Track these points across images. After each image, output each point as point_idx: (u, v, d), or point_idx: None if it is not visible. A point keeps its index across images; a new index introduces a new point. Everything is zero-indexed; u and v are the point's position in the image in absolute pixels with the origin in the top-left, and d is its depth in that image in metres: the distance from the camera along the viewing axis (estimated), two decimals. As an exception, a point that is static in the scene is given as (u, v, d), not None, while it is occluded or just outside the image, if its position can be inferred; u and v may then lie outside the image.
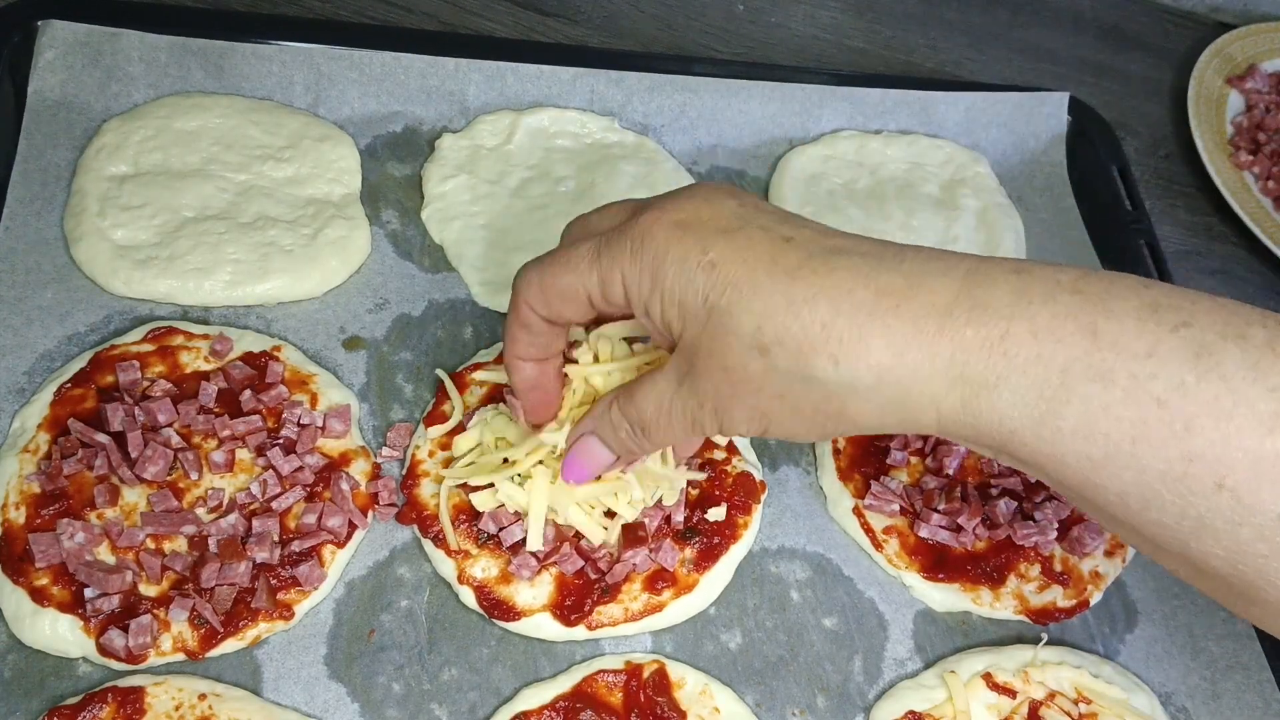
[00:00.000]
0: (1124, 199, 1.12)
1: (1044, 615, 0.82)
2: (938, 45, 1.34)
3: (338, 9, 1.13)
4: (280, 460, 0.77)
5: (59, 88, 0.94)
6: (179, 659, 0.70)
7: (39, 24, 0.94)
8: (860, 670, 0.79)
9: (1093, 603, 0.84)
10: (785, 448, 0.89)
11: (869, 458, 0.87)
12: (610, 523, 0.75)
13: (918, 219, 1.07)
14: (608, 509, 0.76)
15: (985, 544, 0.84)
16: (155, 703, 0.67)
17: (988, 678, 0.77)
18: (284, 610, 0.73)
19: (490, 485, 0.76)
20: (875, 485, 0.84)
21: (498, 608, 0.75)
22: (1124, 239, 1.09)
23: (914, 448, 0.87)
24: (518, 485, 0.75)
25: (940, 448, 0.86)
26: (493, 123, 1.03)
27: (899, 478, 0.86)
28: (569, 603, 0.75)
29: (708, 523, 0.80)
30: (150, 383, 0.79)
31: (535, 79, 1.04)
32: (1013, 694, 0.76)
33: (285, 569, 0.73)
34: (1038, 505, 0.84)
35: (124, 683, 0.68)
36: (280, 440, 0.78)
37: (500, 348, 0.87)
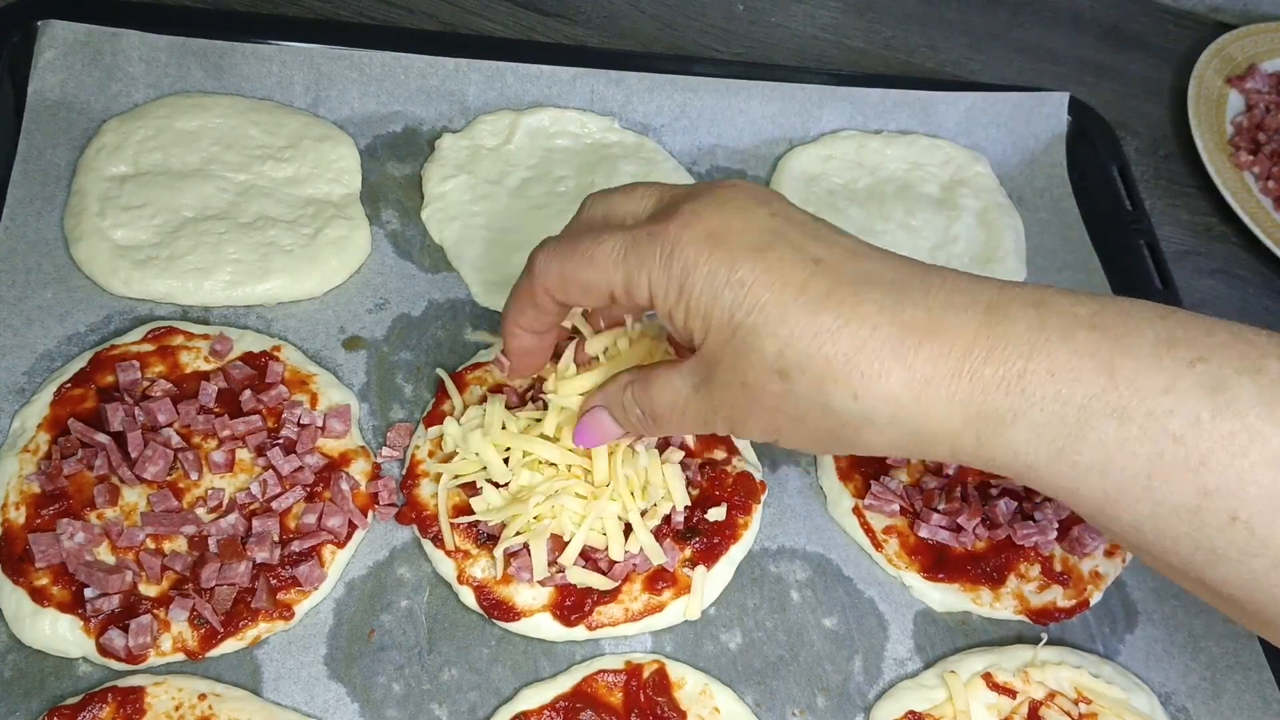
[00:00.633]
0: (1124, 199, 1.12)
1: (1044, 615, 0.82)
2: (938, 45, 1.34)
3: (338, 9, 1.13)
4: (280, 460, 0.77)
5: (59, 88, 0.94)
6: (179, 659, 0.70)
7: (39, 24, 0.94)
8: (860, 670, 0.79)
9: (1093, 603, 0.84)
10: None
11: (869, 458, 0.87)
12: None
13: (918, 219, 1.07)
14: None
15: (985, 544, 0.84)
16: (155, 703, 0.67)
17: (988, 678, 0.77)
18: (284, 610, 0.73)
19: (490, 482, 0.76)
20: (875, 485, 0.84)
21: (498, 608, 0.75)
22: (1124, 239, 1.09)
23: (914, 448, 0.87)
24: (501, 497, 0.76)
25: (940, 448, 0.86)
26: (493, 123, 1.03)
27: (899, 477, 0.86)
28: (569, 603, 0.75)
29: (708, 523, 0.80)
30: (150, 383, 0.79)
31: (535, 79, 1.04)
32: (1013, 694, 0.76)
33: (285, 569, 0.73)
34: (1038, 505, 0.84)
35: (124, 683, 0.68)
36: (280, 440, 0.78)
37: (500, 347, 0.87)
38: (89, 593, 0.69)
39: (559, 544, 0.75)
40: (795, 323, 0.53)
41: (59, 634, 0.69)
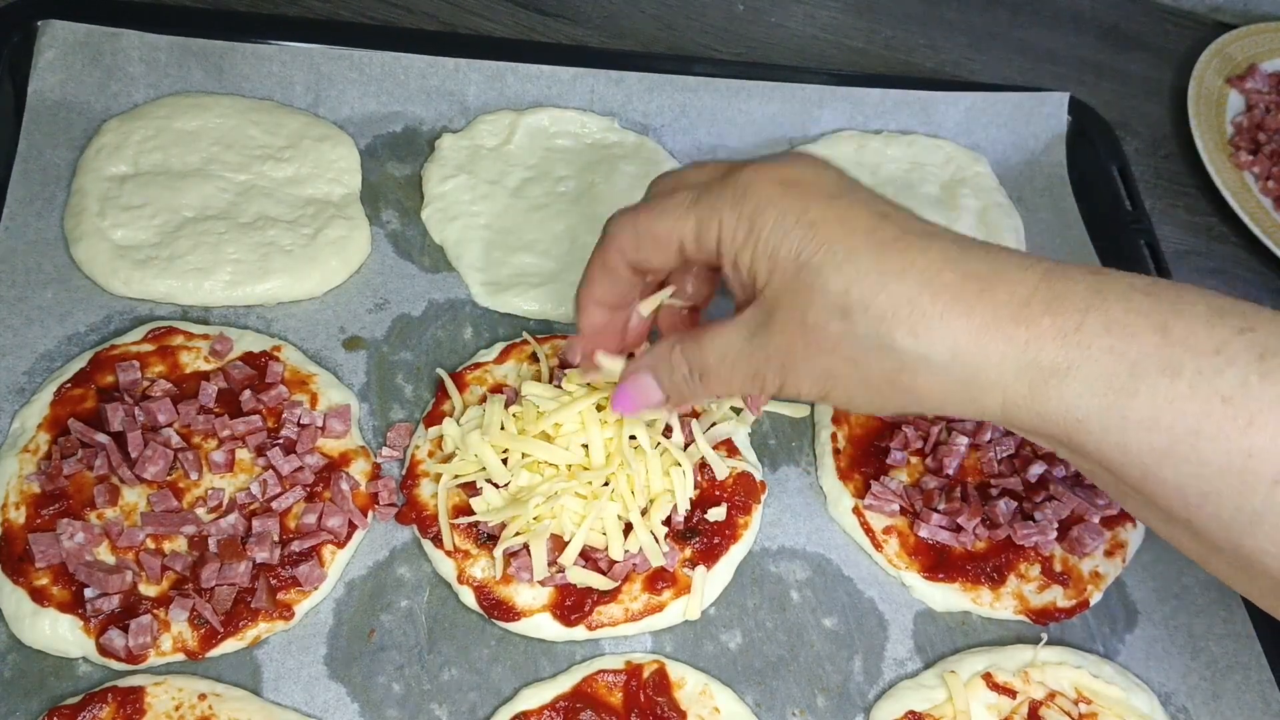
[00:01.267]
0: (1124, 199, 1.12)
1: (1044, 615, 0.82)
2: (938, 45, 1.34)
3: (338, 9, 1.13)
4: (280, 460, 0.77)
5: (59, 88, 0.94)
6: (179, 659, 0.70)
7: (39, 24, 0.94)
8: (860, 670, 0.79)
9: (1093, 603, 0.84)
10: (785, 447, 0.89)
11: (869, 457, 0.87)
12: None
13: (918, 219, 1.07)
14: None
15: (985, 544, 0.84)
16: (155, 703, 0.67)
17: (988, 678, 0.77)
18: (284, 610, 0.73)
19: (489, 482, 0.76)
20: (875, 485, 0.84)
21: (498, 608, 0.75)
22: (1124, 239, 1.09)
23: (914, 448, 0.87)
24: (501, 497, 0.75)
25: (940, 448, 0.86)
26: (493, 123, 1.03)
27: (899, 477, 0.86)
28: (569, 603, 0.75)
29: (708, 523, 0.80)
30: (150, 383, 0.79)
31: (535, 79, 1.04)
32: (1013, 694, 0.76)
33: (285, 569, 0.73)
34: (1038, 505, 0.84)
35: (124, 683, 0.68)
36: (280, 440, 0.78)
37: (500, 347, 0.87)
38: (89, 593, 0.69)
39: (559, 544, 0.75)
40: (862, 262, 0.54)
41: (59, 634, 0.69)
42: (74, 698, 0.67)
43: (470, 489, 0.77)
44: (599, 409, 0.76)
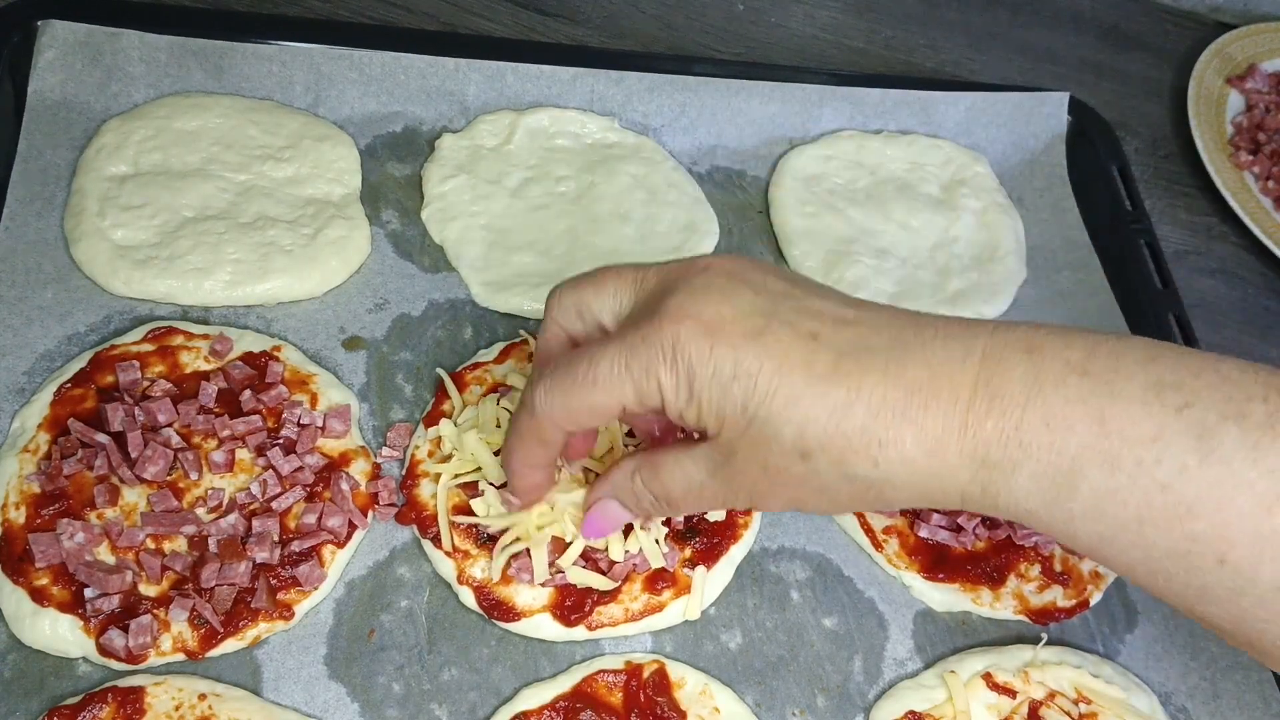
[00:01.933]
0: (1124, 199, 1.12)
1: (1044, 615, 0.82)
2: (938, 45, 1.34)
3: (338, 9, 1.13)
4: (280, 460, 0.77)
5: (59, 88, 0.94)
6: (179, 659, 0.70)
7: (39, 24, 0.94)
8: (860, 670, 0.79)
9: (1093, 603, 0.84)
10: (785, 448, 0.89)
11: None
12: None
13: (918, 219, 1.07)
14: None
15: (985, 544, 0.84)
16: (155, 703, 0.67)
17: (988, 678, 0.77)
18: (284, 610, 0.73)
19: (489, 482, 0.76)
20: (875, 485, 0.84)
21: (498, 608, 0.75)
22: (1124, 239, 1.09)
23: (914, 448, 0.87)
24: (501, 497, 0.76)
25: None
26: (493, 123, 1.03)
27: (899, 478, 0.86)
28: (569, 603, 0.75)
29: (708, 523, 0.80)
30: (150, 383, 0.79)
31: (535, 79, 1.04)
32: (1013, 694, 0.76)
33: (285, 569, 0.73)
34: (1038, 505, 0.84)
35: (124, 683, 0.68)
36: (280, 440, 0.78)
37: (500, 347, 0.87)
38: (89, 593, 0.69)
39: (559, 545, 0.75)
40: (809, 405, 0.55)
41: (59, 634, 0.69)
42: (74, 698, 0.67)
43: (471, 489, 0.77)
44: None
